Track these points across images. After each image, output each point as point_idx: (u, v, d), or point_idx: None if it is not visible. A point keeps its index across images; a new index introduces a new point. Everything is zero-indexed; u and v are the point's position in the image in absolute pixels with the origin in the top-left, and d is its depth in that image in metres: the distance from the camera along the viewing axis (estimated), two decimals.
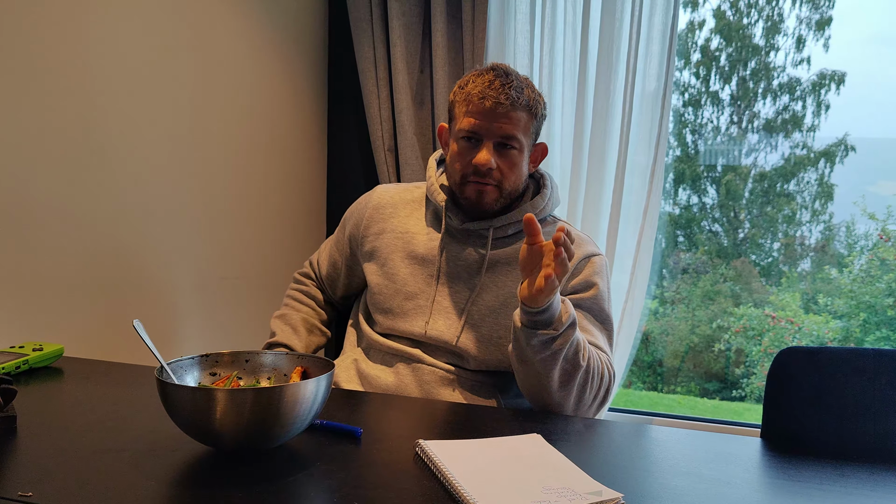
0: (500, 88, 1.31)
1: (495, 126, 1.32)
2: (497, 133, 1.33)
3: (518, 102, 1.32)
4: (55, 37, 1.57)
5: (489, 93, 1.31)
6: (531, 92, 1.35)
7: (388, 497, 0.84)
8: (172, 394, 0.91)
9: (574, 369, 1.24)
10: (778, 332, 3.02)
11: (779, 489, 0.95)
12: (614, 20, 2.19)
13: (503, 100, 1.31)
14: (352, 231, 1.54)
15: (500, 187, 1.36)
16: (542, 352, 1.20)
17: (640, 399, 3.17)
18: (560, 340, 1.20)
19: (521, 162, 1.37)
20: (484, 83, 1.33)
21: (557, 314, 1.20)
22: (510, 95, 1.31)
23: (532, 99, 1.35)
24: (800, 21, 2.82)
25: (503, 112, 1.31)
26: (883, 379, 1.16)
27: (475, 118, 1.33)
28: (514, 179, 1.37)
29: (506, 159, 1.35)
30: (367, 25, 2.42)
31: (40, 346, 1.38)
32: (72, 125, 1.62)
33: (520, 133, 1.34)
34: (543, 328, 1.20)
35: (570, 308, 1.22)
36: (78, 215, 1.65)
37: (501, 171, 1.35)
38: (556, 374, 1.23)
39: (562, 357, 1.21)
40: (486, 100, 1.31)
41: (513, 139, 1.33)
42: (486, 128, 1.33)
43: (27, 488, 0.83)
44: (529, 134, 1.37)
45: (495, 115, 1.32)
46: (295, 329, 1.54)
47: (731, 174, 3.02)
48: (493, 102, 1.31)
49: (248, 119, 2.21)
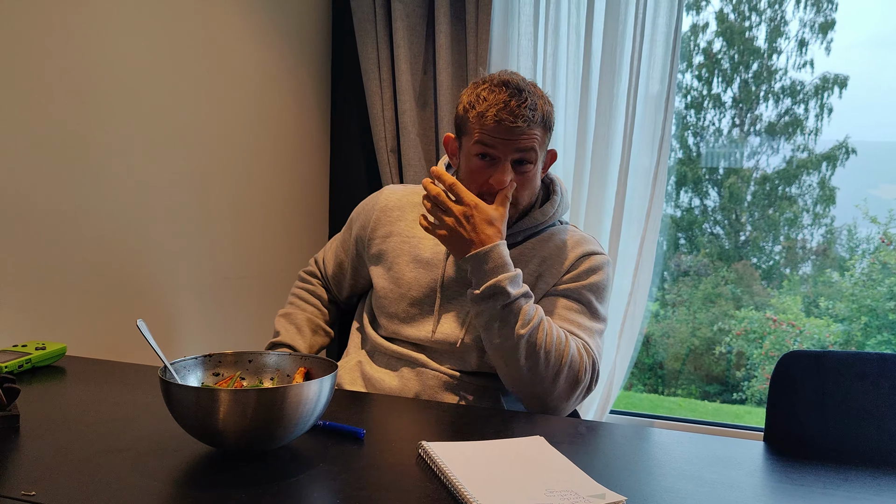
0: (516, 110, 1.28)
1: (510, 144, 1.30)
2: (513, 150, 1.31)
3: (534, 121, 1.30)
4: (57, 36, 1.57)
5: (504, 116, 1.28)
6: (544, 104, 1.33)
7: (390, 498, 0.84)
8: (176, 394, 0.91)
9: (515, 340, 1.25)
10: (779, 335, 3.02)
11: (782, 493, 0.95)
12: (618, 23, 2.19)
13: (520, 123, 1.28)
14: (358, 232, 1.54)
15: (516, 204, 1.36)
16: (474, 306, 1.28)
17: (640, 401, 3.17)
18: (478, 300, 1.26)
19: (537, 175, 1.37)
20: (498, 104, 1.29)
21: (488, 279, 1.25)
22: (526, 116, 1.28)
23: (546, 112, 1.33)
24: (802, 24, 2.82)
25: (520, 133, 1.30)
26: (886, 383, 1.16)
27: (491, 137, 1.30)
28: (530, 194, 1.38)
29: (522, 176, 1.34)
30: (370, 26, 2.43)
31: (43, 344, 1.38)
32: (75, 125, 1.62)
33: (536, 148, 1.33)
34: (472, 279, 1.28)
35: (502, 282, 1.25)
36: (81, 215, 1.65)
37: (517, 187, 1.34)
38: (495, 339, 1.27)
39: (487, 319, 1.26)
40: (502, 123, 1.29)
41: (530, 155, 1.32)
42: (501, 147, 1.31)
43: (30, 487, 0.83)
44: (544, 146, 1.36)
45: (512, 136, 1.30)
46: (299, 329, 1.54)
47: (733, 177, 3.02)
48: (510, 126, 1.29)
49: (252, 119, 2.21)
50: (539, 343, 1.26)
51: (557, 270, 1.39)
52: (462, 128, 1.37)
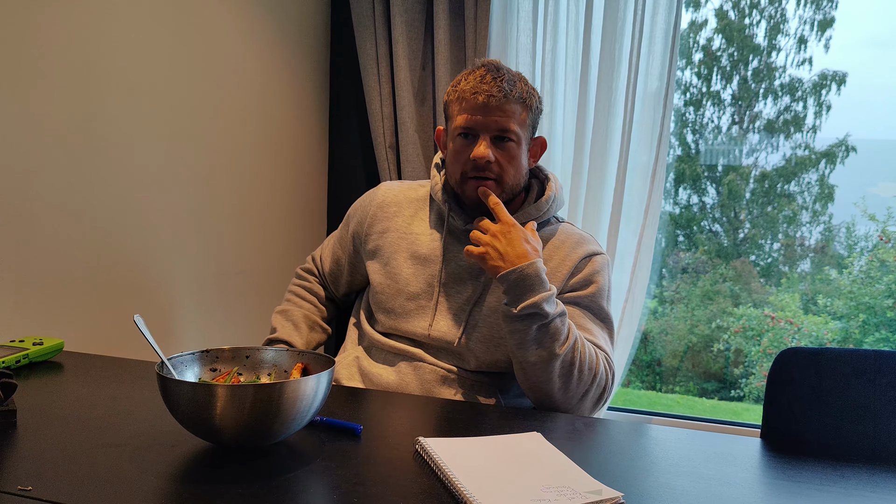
0: (491, 82, 1.32)
1: (490, 120, 1.32)
2: (492, 127, 1.32)
3: (511, 95, 1.32)
4: (57, 35, 1.56)
5: (481, 87, 1.32)
6: (524, 85, 1.35)
7: (387, 494, 0.84)
8: (173, 389, 0.91)
9: (551, 357, 1.25)
10: (777, 332, 3.02)
11: (779, 490, 0.95)
12: (617, 19, 2.19)
13: (496, 92, 1.31)
14: (355, 228, 1.54)
15: (500, 182, 1.36)
16: (507, 325, 1.26)
17: (638, 398, 3.17)
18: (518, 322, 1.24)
19: (520, 155, 1.37)
20: (476, 79, 1.33)
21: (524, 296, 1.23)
22: (502, 88, 1.31)
23: (525, 91, 1.35)
24: (802, 21, 2.81)
25: (496, 105, 1.31)
26: (883, 380, 1.16)
27: (469, 114, 1.33)
28: (514, 173, 1.37)
29: (504, 152, 1.34)
30: (369, 22, 2.42)
31: (40, 340, 1.38)
32: (73, 120, 1.62)
33: (515, 125, 1.33)
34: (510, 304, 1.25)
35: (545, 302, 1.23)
36: (79, 210, 1.65)
37: (500, 164, 1.34)
38: (531, 358, 1.26)
39: (530, 339, 1.24)
40: (478, 94, 1.31)
41: (508, 132, 1.33)
42: (481, 122, 1.33)
43: (27, 482, 0.83)
44: (526, 126, 1.36)
45: (489, 109, 1.32)
46: (296, 325, 1.54)
47: (732, 174, 3.01)
48: (486, 96, 1.31)
49: (250, 115, 2.20)
50: (574, 363, 1.27)
51: (561, 273, 1.39)
52: (446, 114, 1.40)
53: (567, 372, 1.27)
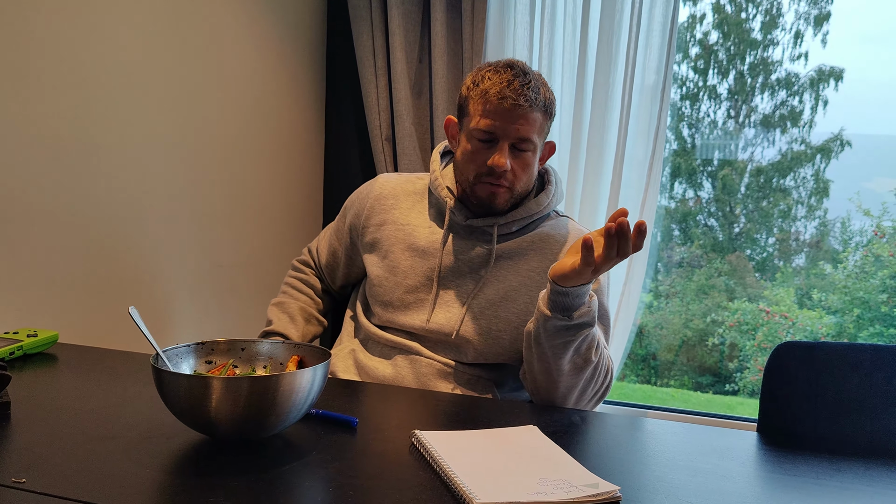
0: (519, 89, 1.28)
1: (513, 128, 1.30)
2: (514, 135, 1.30)
3: (536, 104, 1.29)
4: (52, 33, 1.55)
5: (508, 93, 1.28)
6: (547, 92, 1.33)
7: (383, 487, 0.84)
8: (168, 381, 0.90)
9: (585, 364, 1.25)
10: (772, 326, 3.03)
11: (775, 483, 0.96)
12: (614, 12, 2.18)
13: (522, 102, 1.28)
14: (353, 221, 1.53)
15: (511, 189, 1.35)
16: (555, 338, 1.20)
17: (633, 392, 3.18)
18: (573, 331, 1.20)
19: (534, 162, 1.36)
20: (502, 82, 1.29)
21: (579, 305, 1.19)
22: (529, 97, 1.28)
23: (548, 99, 1.33)
24: (798, 16, 2.81)
25: (521, 114, 1.29)
26: (879, 374, 1.16)
27: (492, 118, 1.30)
28: (526, 181, 1.37)
29: (519, 160, 1.33)
30: (366, 14, 2.41)
31: (35, 332, 1.37)
32: (67, 114, 1.61)
33: (535, 135, 1.32)
34: (561, 313, 1.19)
35: (594, 307, 1.21)
36: (73, 202, 1.64)
37: (515, 172, 1.33)
38: (565, 365, 1.24)
39: (572, 349, 1.22)
40: (504, 100, 1.28)
41: (529, 142, 1.32)
42: (503, 129, 1.30)
43: (21, 474, 0.82)
44: (543, 135, 1.35)
45: (513, 117, 1.29)
46: (292, 318, 1.53)
47: (728, 168, 3.02)
48: (512, 104, 1.28)
49: (246, 107, 2.19)
50: (598, 367, 1.28)
51: None
52: (464, 108, 1.36)
53: (590, 376, 1.27)
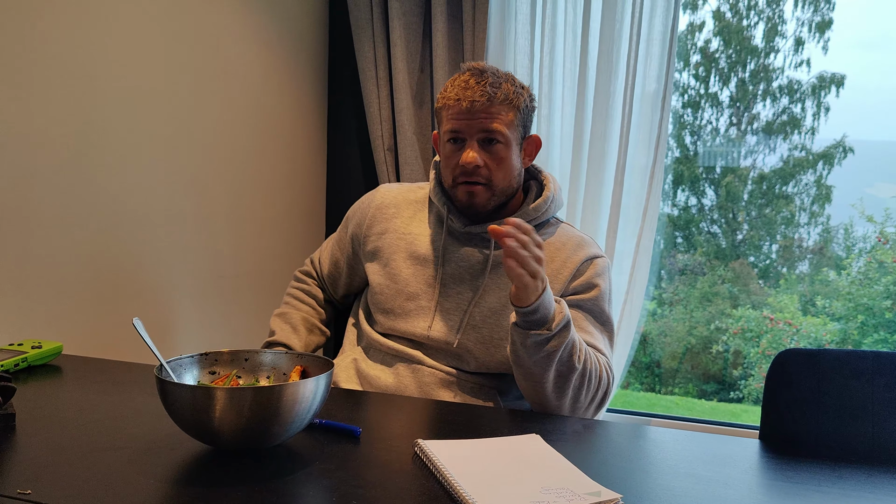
0: (474, 87, 1.32)
1: (475, 123, 1.33)
2: (478, 129, 1.33)
3: (495, 97, 1.32)
4: (55, 37, 1.56)
5: (465, 93, 1.33)
6: (510, 85, 1.35)
7: (386, 496, 0.84)
8: (172, 392, 0.90)
9: (569, 371, 1.24)
10: (776, 333, 3.03)
11: (777, 491, 0.95)
12: (615, 21, 2.19)
13: (478, 97, 1.32)
14: (354, 230, 1.54)
15: (490, 186, 1.36)
16: (536, 353, 1.20)
17: (637, 400, 3.17)
18: (554, 342, 1.20)
19: (510, 156, 1.36)
20: (460, 84, 1.34)
21: (550, 315, 1.20)
22: (486, 91, 1.32)
23: (512, 91, 1.34)
24: (800, 23, 2.82)
25: (480, 108, 1.32)
26: (881, 381, 1.16)
27: (455, 119, 1.34)
28: (504, 175, 1.36)
29: (492, 155, 1.34)
30: (367, 25, 2.42)
31: (39, 343, 1.37)
32: (71, 123, 1.62)
33: (502, 126, 1.33)
34: (536, 328, 1.20)
35: (565, 309, 1.22)
36: (78, 213, 1.65)
37: (489, 167, 1.34)
38: (551, 376, 1.24)
39: (556, 359, 1.22)
40: (462, 101, 1.33)
41: (495, 133, 1.33)
42: (466, 126, 1.33)
43: (26, 486, 0.82)
44: (515, 127, 1.36)
45: (473, 113, 1.32)
46: (295, 328, 1.54)
47: (730, 176, 3.02)
48: (469, 101, 1.32)
49: (249, 117, 2.21)
50: (586, 374, 1.27)
51: (562, 276, 1.39)
52: (437, 120, 1.41)
53: (579, 384, 1.27)
